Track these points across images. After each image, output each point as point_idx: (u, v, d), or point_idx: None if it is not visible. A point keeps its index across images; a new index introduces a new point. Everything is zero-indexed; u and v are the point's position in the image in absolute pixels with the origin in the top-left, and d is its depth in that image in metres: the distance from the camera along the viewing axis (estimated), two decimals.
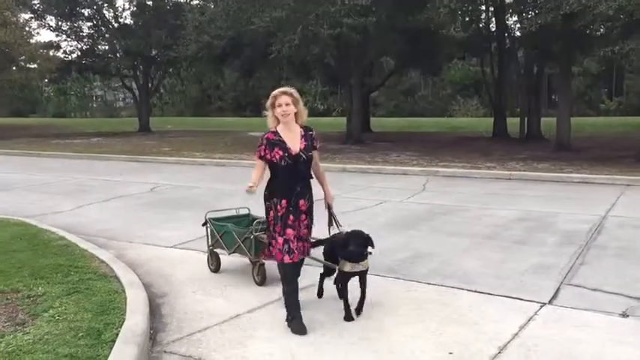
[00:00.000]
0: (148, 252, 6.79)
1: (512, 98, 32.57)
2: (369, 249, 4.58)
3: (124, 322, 4.21)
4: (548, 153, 17.30)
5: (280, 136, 4.45)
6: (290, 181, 4.43)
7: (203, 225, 5.94)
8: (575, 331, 4.30)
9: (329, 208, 4.77)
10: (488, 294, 5.17)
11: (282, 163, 4.38)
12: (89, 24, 34.19)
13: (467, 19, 23.10)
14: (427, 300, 5.00)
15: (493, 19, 24.00)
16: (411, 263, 6.12)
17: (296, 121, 4.51)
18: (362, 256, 4.49)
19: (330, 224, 4.76)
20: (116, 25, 34.12)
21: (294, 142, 4.45)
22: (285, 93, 4.43)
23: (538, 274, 5.72)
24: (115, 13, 34.06)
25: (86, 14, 33.52)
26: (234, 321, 4.57)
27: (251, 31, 19.03)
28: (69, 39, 34.28)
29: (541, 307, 4.80)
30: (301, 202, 4.46)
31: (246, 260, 5.75)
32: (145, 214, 9.35)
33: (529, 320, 4.50)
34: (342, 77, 24.36)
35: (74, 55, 34.81)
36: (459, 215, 8.80)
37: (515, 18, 22.58)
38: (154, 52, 33.08)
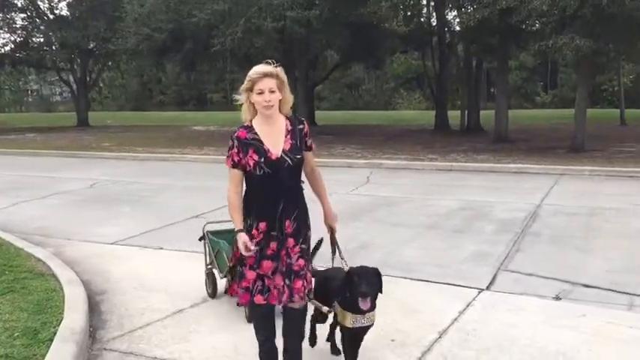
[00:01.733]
0: (86, 249, 6.62)
1: (453, 91, 33.32)
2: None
3: (61, 320, 4.09)
4: (487, 144, 17.80)
5: (256, 133, 3.18)
6: (269, 196, 3.18)
7: (200, 240, 5.01)
8: (511, 314, 4.46)
9: (331, 232, 3.54)
10: (430, 282, 5.30)
11: (258, 171, 3.14)
12: (23, 15, 32.84)
13: (408, 13, 23.46)
14: None
15: (434, 13, 24.47)
16: (355, 254, 6.18)
17: (280, 111, 3.26)
18: (369, 306, 3.21)
19: (333, 253, 3.54)
20: (52, 16, 32.89)
21: (276, 140, 3.20)
22: (269, 75, 3.14)
23: (477, 262, 5.90)
24: (50, 4, 32.84)
25: (19, 5, 32.20)
26: (177, 316, 4.52)
27: (192, 23, 18.73)
28: (1, 31, 32.85)
29: (479, 292, 4.96)
30: (287, 222, 3.23)
31: None
32: (84, 210, 9.10)
33: (468, 306, 4.64)
34: (286, 70, 24.27)
35: (7, 48, 33.44)
36: (402, 206, 8.95)
37: (454, 13, 23.07)
38: (91, 45, 32.05)
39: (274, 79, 3.15)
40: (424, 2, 24.66)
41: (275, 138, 3.21)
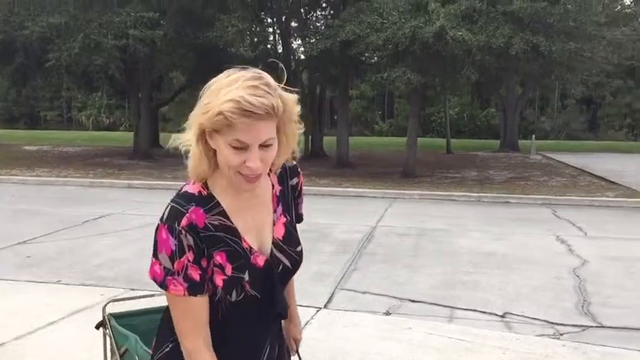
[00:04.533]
0: None
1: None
2: None
3: None
4: (329, 169, 18.54)
5: (223, 213, 1.50)
6: (249, 336, 1.59)
7: (98, 327, 2.70)
8: (346, 330, 4.71)
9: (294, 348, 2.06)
10: None
11: (234, 295, 1.49)
12: None
13: (255, 39, 23.87)
14: None
15: (280, 41, 25.15)
16: None
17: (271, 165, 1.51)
18: None
19: None
20: None
21: (260, 222, 1.57)
22: (268, 115, 1.39)
23: (316, 281, 6.15)
24: None
25: None
26: None
27: (24, 36, 17.46)
28: None
29: (317, 311, 5.17)
30: None
31: None
32: None
33: (306, 324, 4.81)
34: (129, 90, 23.50)
35: None
36: None
37: (299, 42, 23.91)
38: None
39: (275, 118, 1.43)
40: (270, 30, 25.26)
41: (257, 218, 1.57)
